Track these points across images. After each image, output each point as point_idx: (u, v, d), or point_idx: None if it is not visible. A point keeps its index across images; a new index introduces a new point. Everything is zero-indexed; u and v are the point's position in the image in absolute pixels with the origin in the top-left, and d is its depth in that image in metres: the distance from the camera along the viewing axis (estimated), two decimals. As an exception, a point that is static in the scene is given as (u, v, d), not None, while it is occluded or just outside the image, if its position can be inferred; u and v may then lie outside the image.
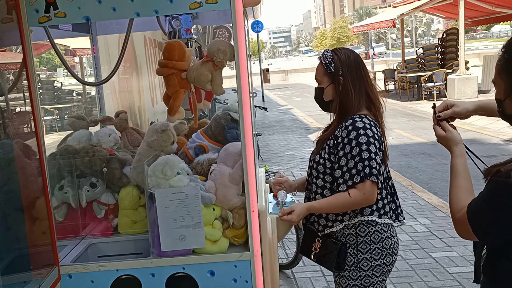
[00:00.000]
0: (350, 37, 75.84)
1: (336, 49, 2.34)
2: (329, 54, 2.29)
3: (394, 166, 7.78)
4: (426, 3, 15.55)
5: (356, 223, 2.21)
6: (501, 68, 1.50)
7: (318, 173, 2.27)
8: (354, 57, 2.29)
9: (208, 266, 2.18)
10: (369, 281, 2.22)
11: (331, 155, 2.23)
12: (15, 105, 2.04)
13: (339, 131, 2.22)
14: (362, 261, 2.21)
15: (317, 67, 2.34)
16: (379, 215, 2.21)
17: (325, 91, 2.30)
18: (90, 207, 2.57)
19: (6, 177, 1.84)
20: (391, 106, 15.76)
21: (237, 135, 2.51)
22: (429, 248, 4.62)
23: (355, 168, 2.12)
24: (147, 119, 6.54)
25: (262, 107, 8.41)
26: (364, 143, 2.13)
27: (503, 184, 1.41)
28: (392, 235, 2.26)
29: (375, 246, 2.21)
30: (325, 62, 2.28)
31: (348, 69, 2.25)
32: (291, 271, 4.27)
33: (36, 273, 1.95)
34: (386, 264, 2.24)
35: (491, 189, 1.46)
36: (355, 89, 2.24)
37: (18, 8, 1.97)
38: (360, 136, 2.13)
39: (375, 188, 2.14)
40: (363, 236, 2.20)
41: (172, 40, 2.64)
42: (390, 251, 2.24)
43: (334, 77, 2.26)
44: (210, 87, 2.50)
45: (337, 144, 2.20)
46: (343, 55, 2.28)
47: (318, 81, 2.34)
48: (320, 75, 2.32)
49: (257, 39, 20.73)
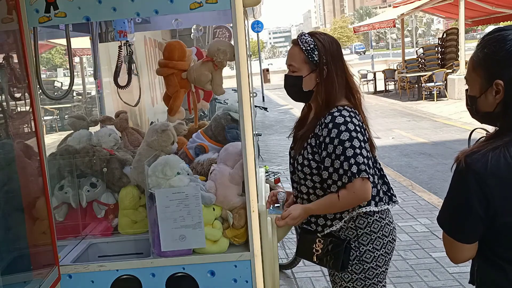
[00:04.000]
0: (350, 37, 75.82)
1: (315, 34, 2.16)
2: (310, 40, 2.11)
3: (394, 166, 7.79)
4: (426, 3, 15.55)
5: (354, 216, 2.13)
6: (477, 63, 1.45)
7: (305, 174, 2.17)
8: (336, 45, 2.17)
9: (208, 266, 2.18)
10: (373, 273, 2.15)
11: (315, 155, 2.12)
12: (15, 105, 2.03)
13: (319, 129, 2.10)
14: (364, 254, 2.14)
15: (293, 53, 2.15)
16: (375, 203, 2.12)
17: (304, 81, 2.13)
18: (90, 207, 2.57)
19: (7, 177, 1.84)
20: (391, 106, 15.76)
21: (237, 135, 2.51)
22: (429, 248, 4.61)
23: (342, 168, 2.01)
24: (147, 119, 6.53)
25: (262, 107, 8.41)
26: (347, 139, 2.01)
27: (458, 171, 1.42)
28: (390, 221, 2.19)
29: (376, 236, 2.13)
30: (306, 48, 2.11)
31: (333, 59, 2.12)
32: (291, 271, 4.27)
33: (36, 273, 1.95)
34: (388, 253, 2.18)
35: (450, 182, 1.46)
36: (338, 80, 2.12)
37: (18, 8, 1.97)
38: (341, 133, 2.02)
39: (366, 184, 2.01)
40: (363, 228, 2.13)
41: (172, 40, 2.64)
42: (390, 238, 2.18)
43: (318, 66, 2.12)
44: (210, 87, 2.50)
45: (319, 144, 2.09)
46: (327, 42, 2.12)
47: (294, 68, 2.15)
48: (299, 62, 2.13)
49: (257, 39, 20.73)
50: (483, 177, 1.37)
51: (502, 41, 1.40)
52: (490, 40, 1.44)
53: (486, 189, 1.37)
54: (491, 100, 1.44)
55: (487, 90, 1.43)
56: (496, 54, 1.41)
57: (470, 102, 1.51)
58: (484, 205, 1.38)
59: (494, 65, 1.41)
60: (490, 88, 1.42)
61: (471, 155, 1.40)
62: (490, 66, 1.42)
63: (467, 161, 1.39)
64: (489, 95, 1.43)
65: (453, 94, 14.48)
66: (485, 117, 1.49)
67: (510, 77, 1.39)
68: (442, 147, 9.10)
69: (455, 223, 1.46)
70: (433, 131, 10.70)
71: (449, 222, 1.49)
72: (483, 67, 1.44)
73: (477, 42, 1.53)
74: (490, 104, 1.44)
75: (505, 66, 1.39)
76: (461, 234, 1.46)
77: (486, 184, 1.36)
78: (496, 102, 1.42)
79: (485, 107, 1.46)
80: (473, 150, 1.41)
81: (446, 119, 11.98)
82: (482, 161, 1.37)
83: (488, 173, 1.36)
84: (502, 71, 1.40)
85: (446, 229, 1.49)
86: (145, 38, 7.15)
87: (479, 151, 1.39)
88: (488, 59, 1.42)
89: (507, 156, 1.36)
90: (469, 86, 1.51)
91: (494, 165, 1.36)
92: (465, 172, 1.40)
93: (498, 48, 1.40)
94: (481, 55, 1.44)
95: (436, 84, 14.98)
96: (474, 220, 1.41)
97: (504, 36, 1.41)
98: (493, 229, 1.41)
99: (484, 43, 1.45)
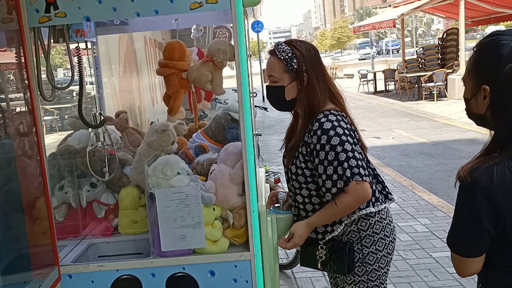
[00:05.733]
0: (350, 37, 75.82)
1: (292, 42, 2.17)
2: (287, 49, 2.12)
3: (394, 166, 7.79)
4: (427, 3, 15.55)
5: (356, 219, 2.12)
6: (470, 67, 1.48)
7: (300, 183, 2.16)
8: (314, 51, 2.16)
9: (208, 266, 2.18)
10: (375, 275, 2.14)
11: (307, 163, 2.11)
12: (15, 105, 2.04)
13: (307, 136, 2.10)
14: (367, 255, 2.13)
15: (272, 64, 2.15)
16: (372, 204, 2.12)
17: (286, 90, 2.14)
18: (90, 207, 2.57)
19: (7, 177, 1.84)
20: (391, 106, 15.77)
21: (237, 135, 2.51)
22: (429, 248, 4.61)
23: (336, 174, 1.99)
24: (147, 119, 6.53)
25: (262, 107, 8.41)
26: (338, 144, 2.00)
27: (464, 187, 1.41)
28: (390, 221, 2.19)
29: (378, 237, 2.13)
30: (284, 57, 2.11)
31: (312, 65, 2.12)
32: (291, 271, 4.27)
33: (36, 273, 1.95)
34: (389, 253, 2.18)
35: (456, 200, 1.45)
36: (319, 86, 2.12)
37: (18, 8, 1.97)
38: (331, 138, 2.00)
39: (364, 185, 1.99)
40: (365, 230, 2.12)
41: (172, 40, 2.63)
42: (391, 237, 2.18)
43: (297, 74, 2.12)
44: (210, 87, 2.50)
45: (311, 151, 2.08)
46: (304, 49, 2.12)
47: (275, 78, 2.16)
48: (279, 72, 2.13)
49: (257, 39, 20.73)
50: (490, 191, 1.36)
51: (493, 47, 1.42)
52: (483, 45, 1.46)
53: (495, 202, 1.37)
54: (481, 104, 1.46)
55: (477, 93, 1.46)
56: (484, 60, 1.44)
57: (465, 104, 1.55)
58: (493, 219, 1.38)
59: (483, 70, 1.44)
60: (479, 92, 1.45)
61: (475, 170, 1.39)
62: (479, 71, 1.45)
63: (473, 176, 1.38)
64: (479, 98, 1.46)
65: (453, 94, 14.48)
66: (479, 119, 1.51)
67: (495, 83, 1.40)
68: (442, 147, 9.10)
69: (467, 242, 1.45)
70: (433, 131, 10.70)
71: (460, 242, 1.47)
72: (474, 71, 1.47)
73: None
74: (480, 107, 1.47)
75: (492, 73, 1.41)
76: (473, 250, 1.46)
77: (494, 197, 1.36)
78: (485, 106, 1.45)
79: (477, 109, 1.49)
80: (475, 165, 1.41)
81: (446, 119, 11.98)
82: (488, 175, 1.37)
83: (495, 187, 1.36)
84: (488, 77, 1.42)
85: (457, 250, 1.48)
86: (145, 38, 7.16)
87: (482, 166, 1.39)
88: (478, 64, 1.45)
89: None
90: (465, 88, 1.54)
91: (500, 178, 1.36)
92: (471, 188, 1.39)
93: (487, 53, 1.43)
94: (473, 59, 1.47)
95: (436, 84, 14.98)
96: (484, 235, 1.41)
97: (495, 41, 1.42)
98: (502, 240, 1.42)
99: (478, 47, 1.47)
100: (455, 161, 7.92)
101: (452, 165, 7.71)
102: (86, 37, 2.42)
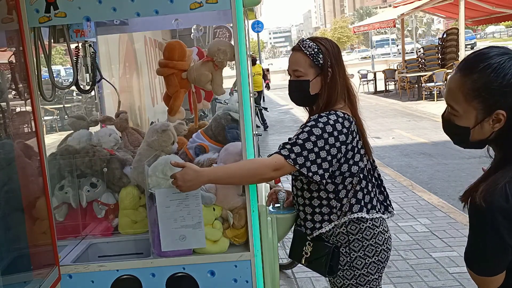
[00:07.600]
0: (350, 37, 75.84)
1: (316, 38, 2.20)
2: (313, 44, 2.14)
3: (394, 166, 7.79)
4: (427, 3, 15.54)
5: (346, 221, 2.11)
6: (472, 95, 1.38)
7: (296, 176, 2.19)
8: (337, 48, 2.19)
9: (208, 266, 2.18)
10: (364, 280, 2.15)
11: None
12: (15, 105, 2.04)
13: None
14: (355, 260, 2.13)
15: (297, 58, 2.17)
16: (367, 210, 2.11)
17: (311, 84, 2.15)
18: (90, 207, 2.57)
19: (7, 177, 1.84)
20: (391, 106, 15.77)
21: (237, 135, 2.52)
22: (429, 248, 4.61)
23: (287, 143, 2.01)
24: (147, 119, 6.54)
25: (262, 107, 8.42)
26: (315, 134, 2.00)
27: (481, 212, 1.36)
28: (384, 230, 2.18)
29: (367, 243, 2.12)
30: (310, 52, 2.13)
31: (336, 61, 2.15)
32: (291, 271, 4.27)
33: (36, 273, 1.95)
34: (381, 261, 2.17)
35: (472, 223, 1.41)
36: (341, 82, 2.15)
37: (18, 8, 1.97)
38: (315, 127, 2.01)
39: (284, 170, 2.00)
40: (354, 233, 2.12)
41: (172, 40, 2.63)
42: (384, 247, 2.16)
43: (322, 69, 2.13)
44: (210, 87, 2.50)
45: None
46: (329, 45, 2.15)
47: (300, 73, 2.15)
48: (305, 67, 2.14)
49: (257, 39, 20.75)
50: (508, 211, 1.35)
51: (501, 69, 1.35)
52: (485, 68, 1.36)
53: None
54: (487, 129, 1.40)
55: (484, 119, 1.39)
56: (496, 83, 1.35)
57: (458, 132, 1.46)
58: None
59: (494, 94, 1.35)
60: (488, 118, 1.38)
61: (490, 193, 1.35)
62: (490, 96, 1.36)
63: (487, 200, 1.35)
64: (486, 124, 1.40)
65: (453, 94, 14.45)
66: (480, 143, 1.46)
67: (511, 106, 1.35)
68: (442, 147, 9.09)
69: (493, 263, 1.44)
70: (433, 131, 10.70)
71: (486, 264, 1.45)
72: (479, 97, 1.37)
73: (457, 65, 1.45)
74: (486, 132, 1.41)
75: (505, 95, 1.35)
76: (499, 268, 1.44)
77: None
78: (493, 130, 1.39)
79: (480, 135, 1.43)
80: (486, 188, 1.38)
81: (446, 119, 11.97)
82: (502, 195, 1.35)
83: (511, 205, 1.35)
84: (503, 100, 1.35)
85: (482, 272, 1.45)
86: (145, 38, 7.16)
87: (495, 188, 1.36)
88: (488, 89, 1.36)
89: None
90: (457, 117, 1.45)
91: None
92: (490, 211, 1.36)
93: (497, 77, 1.34)
94: (476, 85, 1.37)
95: (436, 84, 14.98)
96: (506, 251, 1.40)
97: (500, 63, 1.35)
98: None
99: (477, 72, 1.37)
100: (455, 161, 7.92)
101: (452, 165, 7.71)
102: (86, 37, 2.43)
